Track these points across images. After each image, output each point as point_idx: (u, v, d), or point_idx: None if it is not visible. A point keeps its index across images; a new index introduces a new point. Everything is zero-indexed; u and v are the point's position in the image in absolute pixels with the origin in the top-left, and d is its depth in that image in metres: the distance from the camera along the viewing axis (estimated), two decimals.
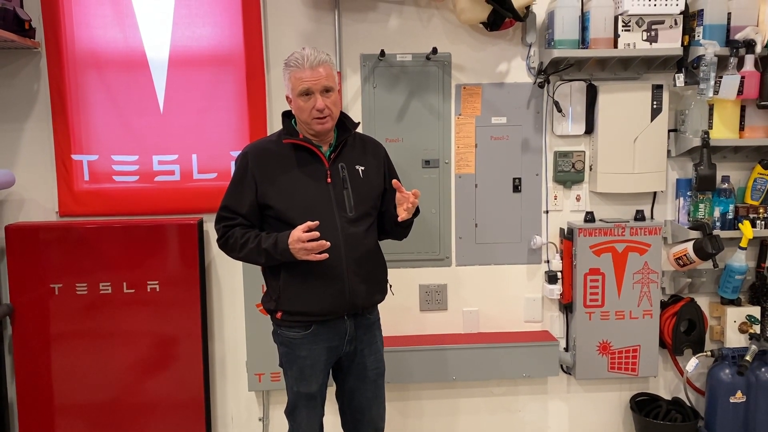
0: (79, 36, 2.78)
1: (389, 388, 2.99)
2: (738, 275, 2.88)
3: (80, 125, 2.82)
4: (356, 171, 2.21)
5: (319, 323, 2.17)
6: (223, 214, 2.19)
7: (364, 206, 2.19)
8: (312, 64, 2.08)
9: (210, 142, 2.86)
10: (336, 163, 2.18)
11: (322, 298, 2.14)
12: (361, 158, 2.24)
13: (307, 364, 2.20)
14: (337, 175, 2.17)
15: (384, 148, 2.36)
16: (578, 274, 2.89)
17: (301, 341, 2.19)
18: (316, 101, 2.08)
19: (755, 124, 2.86)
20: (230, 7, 2.80)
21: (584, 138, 2.96)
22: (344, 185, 2.17)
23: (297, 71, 2.09)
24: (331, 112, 2.12)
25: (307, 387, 2.22)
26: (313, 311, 2.15)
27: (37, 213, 2.88)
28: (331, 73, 2.13)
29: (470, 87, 2.91)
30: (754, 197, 2.90)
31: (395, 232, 2.31)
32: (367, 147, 2.30)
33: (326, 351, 2.21)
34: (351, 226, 2.15)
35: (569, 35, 2.73)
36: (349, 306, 2.17)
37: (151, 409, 2.87)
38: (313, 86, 2.08)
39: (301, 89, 2.08)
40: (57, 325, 2.81)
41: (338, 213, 2.14)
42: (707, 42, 2.68)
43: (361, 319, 2.25)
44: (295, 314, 2.17)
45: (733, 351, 2.92)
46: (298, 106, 2.12)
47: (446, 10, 2.85)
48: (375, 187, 2.25)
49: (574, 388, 3.11)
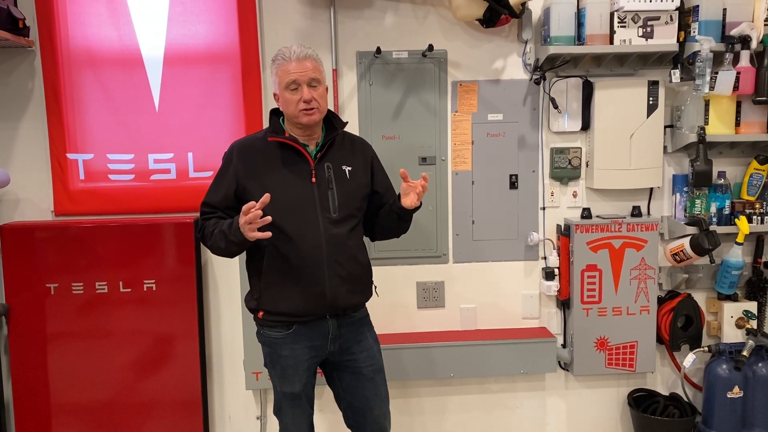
0: (74, 34, 2.76)
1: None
2: (734, 271, 2.88)
3: (75, 124, 2.81)
4: (343, 171, 2.18)
5: (300, 323, 2.16)
6: (203, 209, 2.20)
7: (348, 207, 2.17)
8: (299, 57, 2.08)
9: (206, 141, 2.85)
10: (322, 163, 2.16)
11: (302, 299, 2.12)
12: (348, 158, 2.22)
13: (289, 363, 2.18)
14: (323, 175, 2.15)
15: (372, 149, 2.33)
16: (575, 271, 2.89)
17: (282, 341, 2.17)
18: (302, 93, 2.07)
19: (751, 119, 2.87)
20: (225, 5, 2.79)
21: (580, 134, 2.96)
22: (329, 185, 2.15)
23: (284, 64, 2.10)
24: (319, 104, 2.10)
25: (290, 387, 2.21)
26: (294, 312, 2.14)
27: (33, 212, 2.87)
28: (317, 67, 2.12)
29: (466, 84, 2.91)
30: (750, 193, 2.90)
31: (396, 227, 2.28)
32: (355, 147, 2.27)
33: (308, 350, 2.18)
34: (334, 226, 2.13)
35: (565, 32, 2.73)
36: (330, 307, 2.15)
37: (148, 409, 2.86)
38: (300, 77, 2.07)
39: (288, 81, 2.08)
40: (53, 325, 2.80)
41: (321, 213, 2.12)
42: (703, 38, 2.68)
43: (345, 318, 2.21)
44: (275, 314, 2.15)
45: (730, 346, 2.92)
46: (285, 99, 2.11)
47: (442, 7, 2.85)
48: (362, 188, 2.23)
49: (571, 384, 3.11)
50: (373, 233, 2.35)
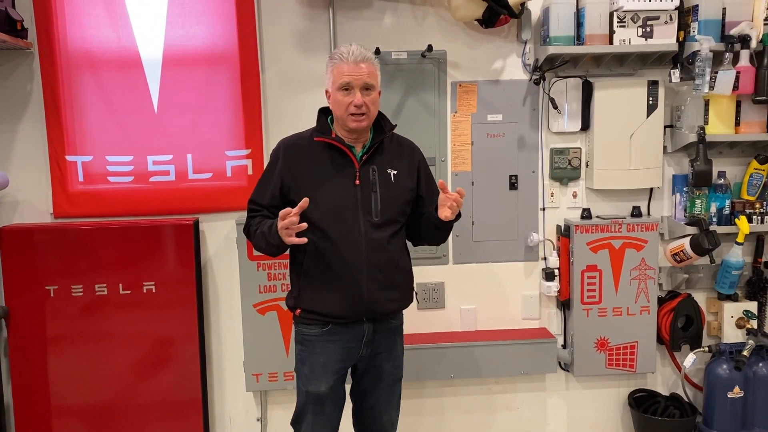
0: (72, 36, 2.76)
1: None
2: (735, 270, 2.88)
3: (74, 126, 2.80)
4: (388, 174, 2.15)
5: (336, 323, 2.14)
6: (250, 206, 2.21)
7: (391, 211, 2.13)
8: (356, 59, 2.05)
9: (205, 142, 2.84)
10: (367, 165, 2.13)
11: (339, 301, 2.11)
12: (394, 162, 2.18)
13: (319, 361, 2.16)
14: (367, 178, 2.12)
15: (421, 153, 2.28)
16: (575, 271, 2.89)
17: (317, 338, 2.16)
18: (354, 96, 2.04)
19: (751, 119, 2.86)
20: (224, 6, 2.79)
21: (580, 135, 2.96)
22: (373, 188, 2.11)
23: (339, 64, 2.06)
24: (369, 110, 2.07)
25: (316, 386, 2.17)
26: (329, 313, 2.12)
27: (32, 215, 2.86)
28: (374, 71, 2.09)
29: (466, 84, 2.91)
30: (750, 192, 2.90)
31: (434, 236, 2.24)
32: (403, 150, 2.23)
33: (341, 351, 2.17)
34: (375, 230, 2.10)
35: (564, 32, 2.73)
36: (367, 311, 2.13)
37: (148, 411, 2.86)
38: (354, 81, 2.04)
39: (342, 83, 2.05)
40: (53, 327, 2.80)
41: (363, 216, 2.09)
42: (702, 37, 2.68)
43: (382, 324, 2.20)
44: (312, 313, 2.15)
45: (730, 346, 2.92)
46: (336, 99, 2.07)
47: (441, 8, 2.84)
48: (406, 192, 2.18)
49: (572, 384, 3.11)
50: (413, 238, 2.31)
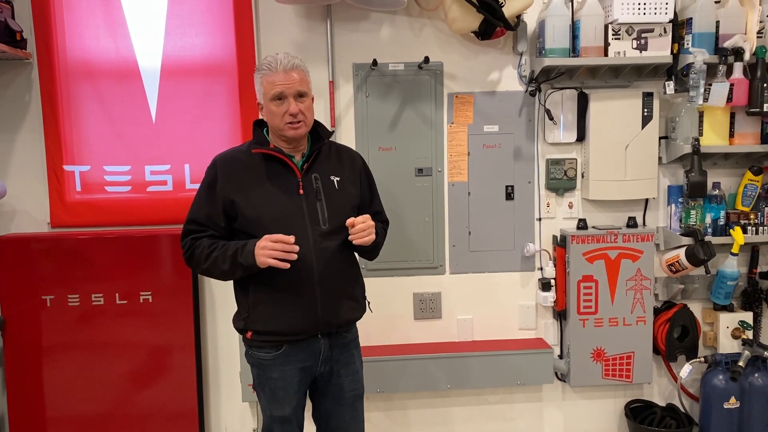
0: (71, 46, 2.77)
1: (383, 398, 3.00)
2: (730, 281, 2.89)
3: (72, 136, 2.81)
4: (331, 182, 2.11)
5: (290, 343, 2.08)
6: (190, 228, 2.10)
7: (339, 219, 2.07)
8: (285, 68, 2.02)
9: (202, 152, 2.84)
10: (309, 174, 2.09)
11: (293, 316, 2.04)
12: (336, 168, 2.15)
13: (278, 386, 2.11)
14: (310, 187, 2.08)
15: (361, 158, 2.27)
16: (571, 282, 2.90)
17: (272, 362, 2.09)
18: (289, 105, 2.01)
19: (745, 130, 2.88)
20: (222, 17, 2.80)
21: (576, 146, 2.98)
22: (318, 197, 2.07)
23: (269, 75, 2.02)
24: (305, 117, 2.04)
25: (280, 410, 2.12)
26: (284, 330, 2.06)
27: (29, 224, 2.86)
28: (304, 78, 2.06)
29: (462, 96, 2.93)
30: (745, 203, 2.92)
31: (362, 253, 2.21)
32: (342, 157, 2.20)
33: (299, 372, 2.11)
34: (324, 239, 2.05)
35: (560, 44, 2.75)
36: (323, 324, 2.08)
37: (144, 421, 2.85)
38: (286, 90, 2.01)
39: (274, 93, 2.01)
40: (49, 337, 2.79)
41: (311, 226, 2.04)
42: (696, 50, 2.70)
43: (337, 338, 2.15)
44: (265, 333, 2.07)
45: (726, 357, 2.93)
46: (270, 110, 2.04)
47: (438, 20, 2.86)
48: (351, 198, 2.15)
49: (568, 395, 3.11)
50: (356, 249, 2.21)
